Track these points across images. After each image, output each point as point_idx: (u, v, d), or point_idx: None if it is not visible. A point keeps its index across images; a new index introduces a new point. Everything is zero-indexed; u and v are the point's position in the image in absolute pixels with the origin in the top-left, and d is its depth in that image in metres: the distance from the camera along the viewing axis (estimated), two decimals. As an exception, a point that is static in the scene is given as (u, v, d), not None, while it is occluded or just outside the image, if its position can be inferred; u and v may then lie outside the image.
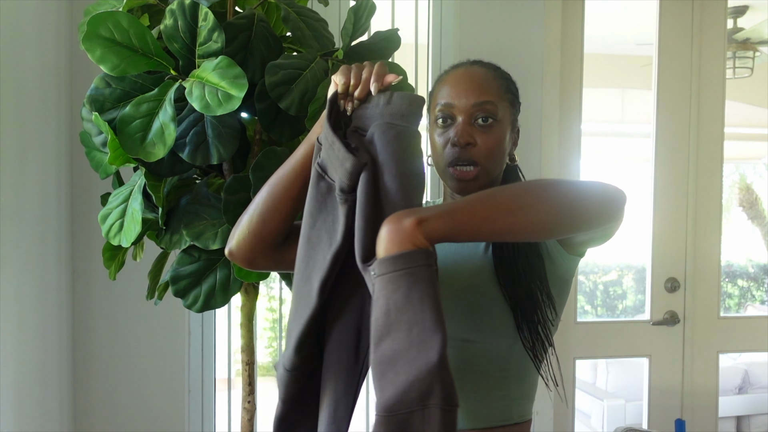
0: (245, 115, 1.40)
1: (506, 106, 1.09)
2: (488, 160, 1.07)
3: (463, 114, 1.06)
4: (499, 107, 1.07)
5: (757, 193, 5.67)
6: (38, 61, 1.79)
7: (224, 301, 1.38)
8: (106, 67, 1.20)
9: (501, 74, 1.12)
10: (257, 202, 1.04)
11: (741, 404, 4.13)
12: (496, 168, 1.09)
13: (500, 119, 1.08)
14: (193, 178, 1.45)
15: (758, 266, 5.45)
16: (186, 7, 1.22)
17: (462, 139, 1.05)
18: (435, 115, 1.09)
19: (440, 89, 1.10)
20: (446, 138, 1.07)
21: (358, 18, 1.37)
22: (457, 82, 1.09)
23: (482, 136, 1.06)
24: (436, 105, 1.09)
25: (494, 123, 1.07)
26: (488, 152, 1.06)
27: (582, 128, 2.43)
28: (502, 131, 1.08)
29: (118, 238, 1.30)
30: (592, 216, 0.91)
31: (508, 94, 1.11)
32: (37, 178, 1.78)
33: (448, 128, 1.07)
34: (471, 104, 1.06)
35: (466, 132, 1.05)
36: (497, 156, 1.08)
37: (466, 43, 2.27)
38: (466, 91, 1.07)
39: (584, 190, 0.93)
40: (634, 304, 4.85)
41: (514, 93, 1.13)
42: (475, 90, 1.07)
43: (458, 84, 1.08)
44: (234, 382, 2.37)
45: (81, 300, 2.06)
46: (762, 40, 3.44)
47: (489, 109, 1.06)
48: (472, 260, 1.08)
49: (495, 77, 1.10)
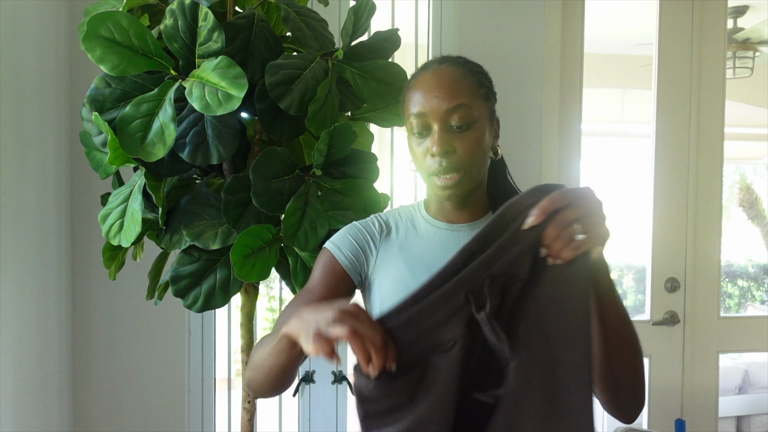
0: (245, 115, 1.40)
1: (481, 103, 1.06)
2: (470, 164, 1.05)
3: (438, 121, 1.03)
4: (473, 107, 1.04)
5: (757, 193, 5.66)
6: (38, 61, 1.79)
7: (224, 301, 1.38)
8: (106, 67, 1.20)
9: (471, 69, 1.08)
10: (259, 379, 1.02)
11: (741, 404, 4.12)
12: (480, 169, 1.08)
13: (477, 119, 1.05)
14: (193, 178, 1.45)
15: (758, 266, 5.45)
16: (186, 7, 1.22)
17: (440, 148, 1.03)
18: (410, 123, 1.06)
19: (411, 96, 1.07)
20: (425, 148, 1.05)
21: (358, 18, 1.37)
22: (427, 87, 1.05)
23: (460, 142, 1.04)
24: (409, 114, 1.06)
25: (471, 125, 1.04)
26: (469, 157, 1.04)
27: (582, 128, 2.43)
28: (480, 131, 1.05)
29: (118, 238, 1.30)
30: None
31: (481, 89, 1.07)
32: (37, 178, 1.78)
33: (425, 138, 1.05)
34: (444, 110, 1.03)
35: (443, 141, 1.03)
36: (479, 157, 1.06)
37: (466, 43, 2.27)
38: (437, 97, 1.03)
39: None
40: (634, 304, 4.84)
41: (487, 86, 1.09)
42: (445, 94, 1.03)
43: (428, 90, 1.05)
44: (234, 382, 2.37)
45: (81, 300, 2.06)
46: (762, 40, 3.44)
47: (463, 113, 1.03)
48: None
49: (465, 75, 1.06)
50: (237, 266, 1.29)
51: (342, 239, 1.14)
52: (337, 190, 1.34)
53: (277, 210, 1.29)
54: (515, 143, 2.32)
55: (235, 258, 1.28)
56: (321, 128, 1.30)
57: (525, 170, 2.33)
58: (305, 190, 1.31)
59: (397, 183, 2.36)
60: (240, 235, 1.28)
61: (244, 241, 1.28)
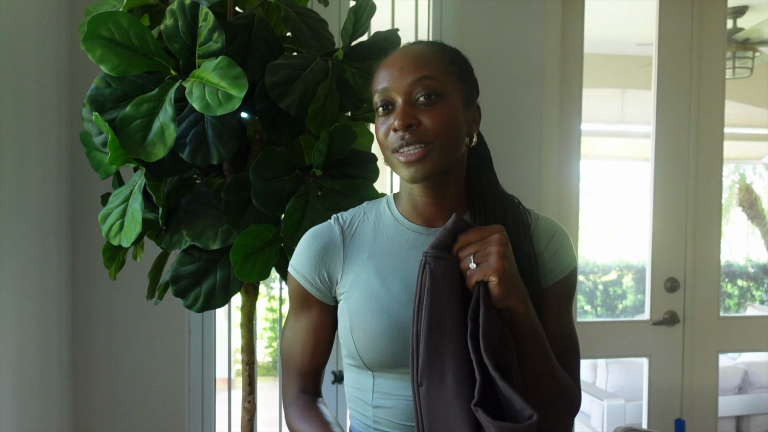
0: (245, 115, 1.40)
1: (452, 81, 0.98)
2: (438, 137, 0.95)
3: (402, 94, 0.96)
4: (442, 81, 0.96)
5: (757, 193, 5.66)
6: (38, 61, 1.79)
7: (224, 301, 1.38)
8: (106, 68, 1.20)
9: (443, 48, 1.01)
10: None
11: (741, 404, 4.13)
12: (450, 147, 0.97)
13: (445, 93, 0.96)
14: (193, 178, 1.45)
15: (758, 266, 5.45)
16: (186, 7, 1.22)
17: (402, 121, 0.94)
18: (375, 103, 1.00)
19: (377, 75, 1.00)
20: (388, 125, 0.97)
21: (358, 18, 1.37)
22: (392, 63, 0.99)
23: (426, 115, 0.95)
24: (374, 92, 0.99)
25: (438, 99, 0.95)
26: (437, 129, 0.94)
27: (582, 128, 2.43)
28: (450, 107, 0.96)
29: (119, 238, 1.30)
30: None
31: (453, 66, 0.99)
32: (37, 178, 1.78)
33: (389, 114, 0.97)
34: (408, 82, 0.95)
35: (406, 113, 0.94)
36: (449, 133, 0.96)
37: (466, 43, 2.27)
38: (401, 69, 0.96)
39: None
40: (634, 304, 4.85)
41: (463, 67, 1.01)
42: (411, 66, 0.96)
43: (393, 64, 0.98)
44: (234, 382, 2.37)
45: (81, 300, 2.06)
46: (762, 40, 3.44)
47: (429, 84, 0.95)
48: None
49: (435, 51, 0.99)
50: (237, 266, 1.29)
51: (302, 264, 1.07)
52: (337, 190, 1.34)
53: (277, 210, 1.29)
54: (515, 143, 2.32)
55: (235, 258, 1.28)
56: (321, 128, 1.30)
57: (525, 170, 2.34)
58: (305, 190, 1.31)
59: (397, 183, 2.36)
60: (240, 235, 1.28)
61: (244, 241, 1.28)
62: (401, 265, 1.02)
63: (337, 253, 1.05)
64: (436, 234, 0.98)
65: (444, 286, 0.92)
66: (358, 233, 1.06)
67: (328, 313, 1.08)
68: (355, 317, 1.01)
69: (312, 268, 1.06)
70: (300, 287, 1.08)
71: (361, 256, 1.04)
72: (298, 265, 1.08)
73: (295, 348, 1.11)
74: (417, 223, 1.04)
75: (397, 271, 1.01)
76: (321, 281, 1.06)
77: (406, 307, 0.99)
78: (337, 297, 1.06)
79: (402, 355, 0.98)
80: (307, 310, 1.09)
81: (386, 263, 1.02)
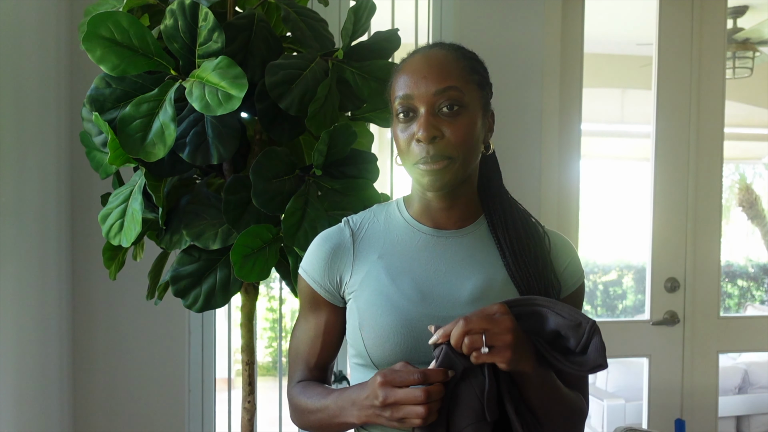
0: (245, 115, 1.40)
1: (473, 89, 0.98)
2: (460, 151, 0.96)
3: (425, 104, 0.95)
4: (464, 92, 0.96)
5: (757, 193, 5.67)
6: (38, 61, 1.79)
7: (224, 301, 1.38)
8: (106, 67, 1.20)
9: (464, 54, 1.01)
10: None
11: (741, 404, 4.13)
12: (470, 160, 0.99)
13: (468, 104, 0.97)
14: (193, 178, 1.45)
15: (758, 266, 5.45)
16: (186, 7, 1.22)
17: (427, 133, 0.94)
18: (395, 108, 0.99)
19: (398, 79, 1.00)
20: (410, 134, 0.97)
21: (358, 18, 1.37)
22: (415, 69, 0.97)
23: (449, 127, 0.95)
24: (395, 98, 0.99)
25: (461, 110, 0.96)
26: (459, 143, 0.95)
27: (582, 128, 2.43)
28: (471, 118, 0.97)
29: (118, 238, 1.30)
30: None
31: (474, 75, 0.99)
32: (37, 178, 1.78)
33: (411, 122, 0.97)
34: (432, 92, 0.95)
35: (430, 125, 0.94)
36: (470, 145, 0.97)
37: (466, 43, 2.25)
38: (425, 78, 0.96)
39: None
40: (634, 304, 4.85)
41: (482, 74, 1.02)
42: (435, 76, 0.95)
43: (416, 71, 0.97)
44: (234, 382, 2.37)
45: (81, 300, 2.06)
46: (762, 40, 3.44)
47: (453, 95, 0.95)
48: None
49: (457, 58, 0.99)
50: (237, 266, 1.29)
51: (312, 266, 1.07)
52: (337, 190, 1.34)
53: (277, 210, 1.29)
54: (515, 143, 2.32)
55: (235, 258, 1.28)
56: (321, 128, 1.30)
57: (525, 170, 2.34)
58: (305, 190, 1.31)
59: (397, 183, 2.36)
60: (240, 235, 1.28)
61: (244, 241, 1.28)
62: (411, 266, 1.03)
63: (347, 254, 1.06)
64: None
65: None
66: (368, 234, 1.07)
67: (337, 315, 1.09)
68: (364, 314, 1.01)
69: (322, 270, 1.06)
70: (310, 289, 1.08)
71: (371, 256, 1.05)
72: (308, 267, 1.09)
73: (302, 346, 1.12)
74: (428, 226, 1.06)
75: (408, 272, 1.02)
76: (330, 283, 1.07)
77: (416, 305, 0.99)
78: (346, 297, 1.07)
79: (410, 353, 0.98)
80: (317, 311, 1.09)
81: (397, 263, 1.03)
